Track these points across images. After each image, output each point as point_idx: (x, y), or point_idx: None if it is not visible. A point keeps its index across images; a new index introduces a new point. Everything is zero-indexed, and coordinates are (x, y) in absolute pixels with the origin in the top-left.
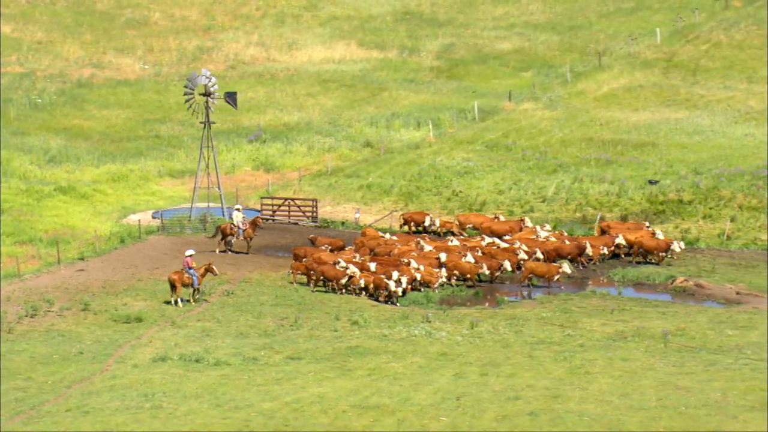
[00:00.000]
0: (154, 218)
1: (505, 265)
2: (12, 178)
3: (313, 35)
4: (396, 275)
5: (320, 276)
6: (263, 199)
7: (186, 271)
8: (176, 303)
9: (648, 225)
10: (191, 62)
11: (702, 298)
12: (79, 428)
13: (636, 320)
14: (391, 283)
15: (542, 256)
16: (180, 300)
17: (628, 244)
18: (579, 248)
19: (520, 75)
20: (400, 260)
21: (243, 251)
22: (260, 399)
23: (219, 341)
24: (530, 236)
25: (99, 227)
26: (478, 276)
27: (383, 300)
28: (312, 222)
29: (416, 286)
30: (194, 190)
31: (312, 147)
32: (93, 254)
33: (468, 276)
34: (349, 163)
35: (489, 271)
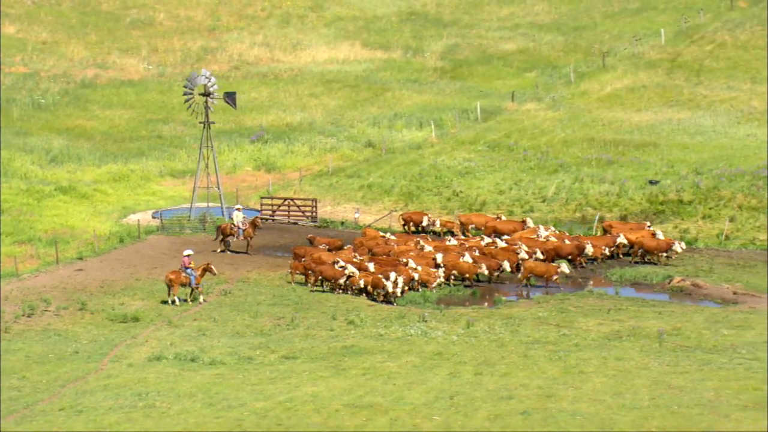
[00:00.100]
0: (154, 218)
1: (504, 266)
2: (13, 178)
3: (318, 36)
4: (393, 276)
5: (318, 276)
6: (263, 199)
7: (183, 271)
8: (173, 302)
9: (649, 225)
10: (195, 62)
11: (699, 298)
12: (72, 427)
13: (632, 320)
14: (389, 284)
15: (542, 256)
16: (177, 299)
17: (629, 244)
18: (578, 249)
19: (524, 75)
20: (399, 260)
21: (242, 251)
22: (254, 398)
23: (215, 341)
24: (530, 236)
25: (98, 227)
26: (477, 276)
27: (381, 300)
28: (311, 222)
29: (414, 286)
30: (194, 190)
31: (314, 147)
32: (92, 254)
33: (466, 276)
34: (351, 164)
35: (488, 271)
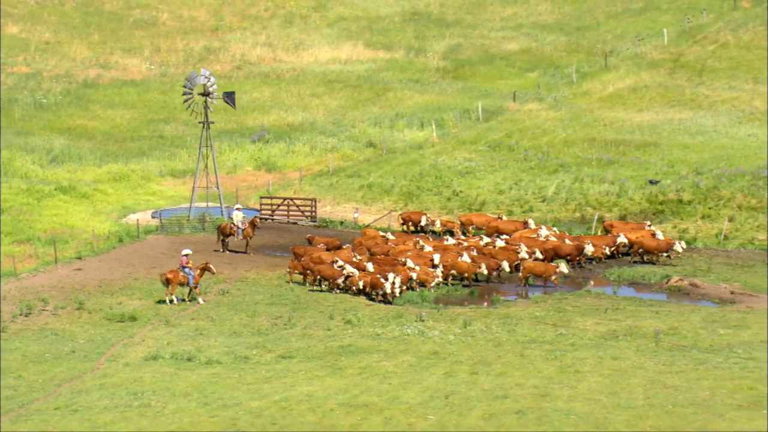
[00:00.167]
0: (154, 218)
1: (503, 266)
2: (14, 178)
3: (321, 36)
4: (391, 276)
5: (317, 275)
6: (262, 199)
7: (181, 270)
8: (171, 302)
9: (650, 225)
10: (198, 62)
11: (697, 298)
12: (67, 426)
13: (629, 319)
14: (388, 285)
15: (541, 256)
16: (174, 299)
17: (630, 244)
18: (578, 249)
19: (526, 75)
20: (397, 260)
21: (241, 251)
22: (249, 397)
23: (212, 340)
24: (530, 235)
25: (98, 227)
26: (475, 275)
27: (379, 300)
28: (311, 221)
29: (412, 286)
30: (193, 190)
31: (315, 147)
32: (91, 254)
33: (465, 275)
34: (351, 163)
35: (487, 271)
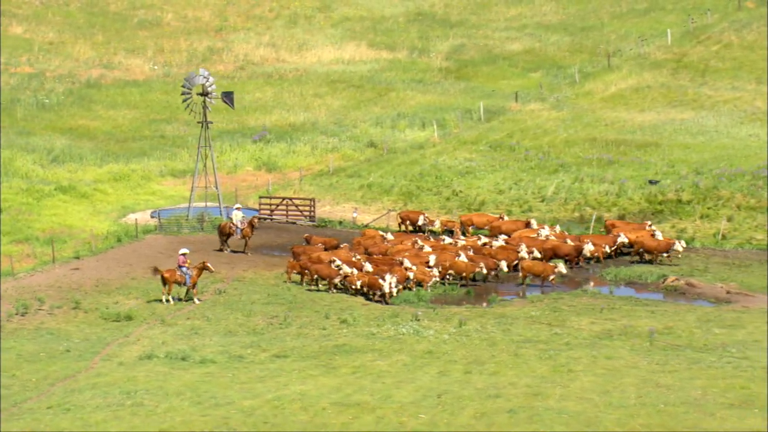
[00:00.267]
0: (153, 218)
1: (501, 265)
2: (14, 178)
3: (325, 36)
4: (388, 277)
5: (314, 275)
6: (261, 199)
7: (179, 270)
8: (167, 301)
9: (651, 224)
10: (201, 63)
11: (693, 297)
12: (59, 425)
13: (624, 319)
14: (386, 285)
15: (540, 255)
16: (171, 298)
17: (630, 244)
18: (576, 249)
19: (529, 76)
20: (395, 259)
21: (240, 250)
22: (242, 397)
23: (207, 339)
24: (530, 235)
25: (97, 226)
26: (474, 275)
27: (376, 300)
28: (310, 221)
29: (409, 285)
30: (192, 190)
31: (316, 147)
32: (89, 253)
33: (463, 275)
34: (351, 163)
35: (486, 271)
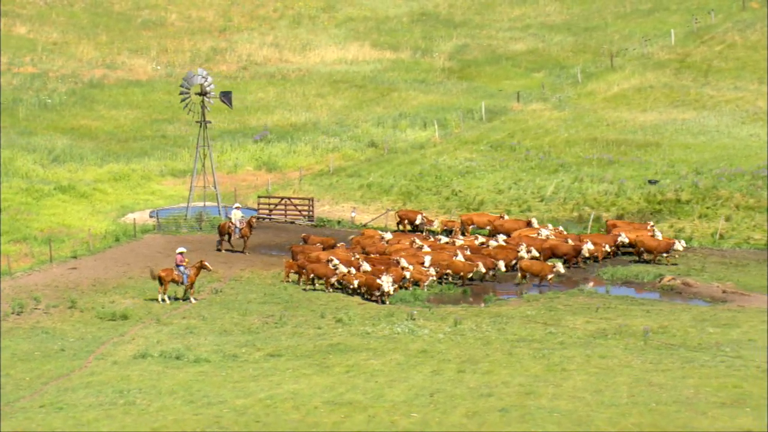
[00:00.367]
0: (151, 217)
1: (499, 265)
2: (14, 178)
3: (328, 36)
4: (384, 278)
5: (310, 274)
6: (260, 198)
7: (176, 269)
8: (163, 300)
9: (652, 224)
10: (204, 63)
11: (689, 297)
12: (51, 424)
13: (620, 318)
14: (385, 285)
15: (538, 255)
16: (167, 298)
17: (630, 243)
18: (575, 249)
19: (532, 76)
20: (392, 259)
21: (238, 250)
22: (234, 395)
23: (201, 338)
24: (529, 234)
25: (95, 226)
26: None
27: (373, 299)
28: (308, 221)
29: (405, 285)
30: (190, 190)
31: (316, 147)
32: (87, 253)
33: (461, 274)
34: (352, 163)
35: (484, 270)
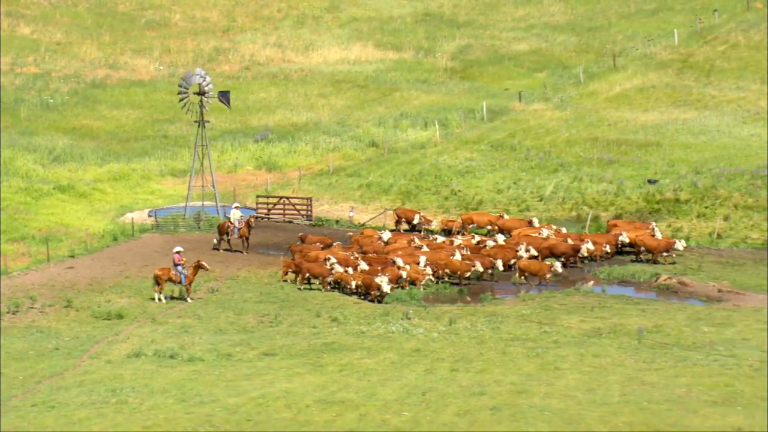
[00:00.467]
0: (150, 216)
1: (497, 264)
2: (14, 177)
3: (331, 36)
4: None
5: (306, 273)
6: (259, 198)
7: (174, 268)
8: (159, 300)
9: (654, 224)
10: (206, 63)
11: (684, 296)
12: (43, 423)
13: (615, 317)
14: (384, 284)
15: (536, 254)
16: (163, 297)
17: (630, 243)
18: (573, 249)
19: (534, 76)
20: (389, 259)
21: (237, 249)
22: (227, 394)
23: (196, 337)
24: (529, 234)
25: (94, 225)
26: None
27: (371, 299)
28: (307, 220)
29: (402, 284)
30: (188, 189)
31: (317, 147)
32: (84, 252)
33: (458, 274)
34: (352, 163)
35: (482, 269)
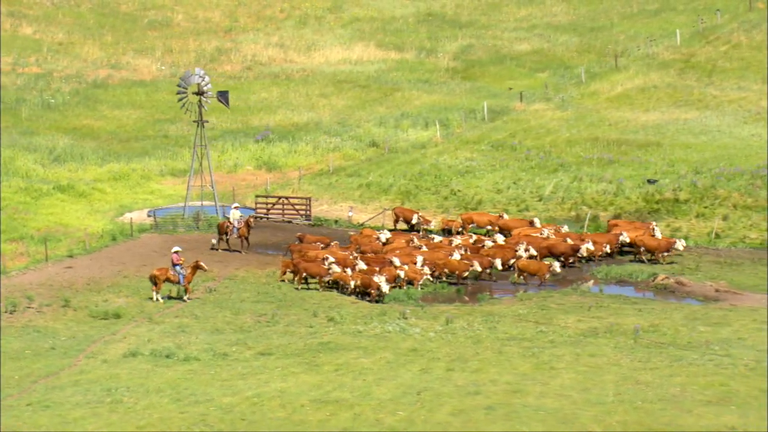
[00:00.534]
0: (149, 216)
1: (496, 263)
2: (14, 177)
3: (334, 36)
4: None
5: (302, 273)
6: (258, 198)
7: (172, 268)
8: (156, 299)
9: (655, 224)
10: (208, 63)
11: (682, 296)
12: (37, 422)
13: (611, 317)
14: (383, 284)
15: (536, 254)
16: (160, 297)
17: (631, 243)
18: (573, 249)
19: (536, 76)
20: (386, 258)
21: (235, 249)
22: (222, 393)
23: (193, 337)
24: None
25: (93, 225)
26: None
27: (371, 299)
28: (306, 220)
29: (399, 284)
30: (187, 189)
31: (317, 147)
32: (83, 252)
33: (456, 273)
34: (352, 163)
35: (480, 269)
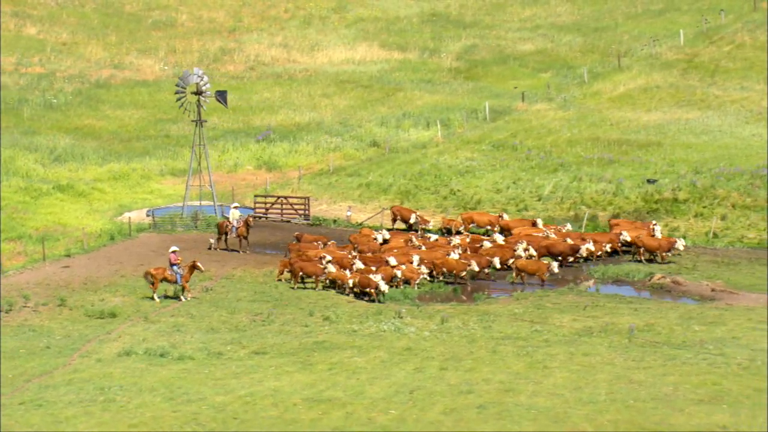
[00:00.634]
0: (148, 216)
1: (494, 262)
2: (14, 177)
3: (337, 36)
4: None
5: (299, 272)
6: (257, 197)
7: (170, 268)
8: (153, 299)
9: (655, 224)
10: (212, 63)
11: (678, 295)
12: (29, 421)
13: (607, 316)
14: (382, 283)
15: (534, 253)
16: (157, 296)
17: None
18: (572, 249)
19: (539, 76)
20: (383, 258)
21: (234, 249)
22: (215, 392)
23: (188, 336)
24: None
25: (92, 225)
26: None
27: (371, 299)
28: (304, 220)
29: (396, 283)
30: (186, 189)
31: (318, 146)
32: (81, 251)
33: (454, 273)
34: (352, 162)
35: (478, 268)
